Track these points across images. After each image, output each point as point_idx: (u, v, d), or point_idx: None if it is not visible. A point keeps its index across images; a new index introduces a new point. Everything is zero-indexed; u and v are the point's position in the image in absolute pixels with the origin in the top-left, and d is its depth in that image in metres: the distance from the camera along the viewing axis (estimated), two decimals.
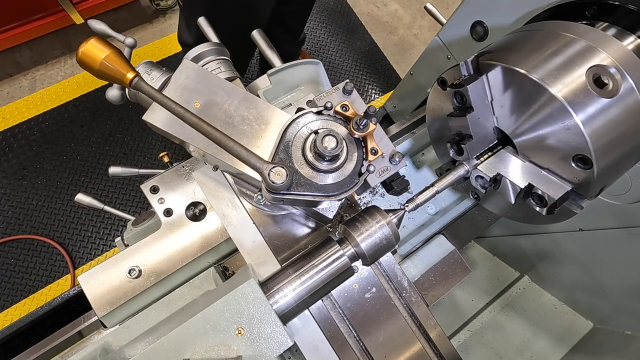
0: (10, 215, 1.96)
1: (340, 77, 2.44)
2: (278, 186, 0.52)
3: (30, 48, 2.22)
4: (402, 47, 2.56)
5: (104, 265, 0.73)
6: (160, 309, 0.75)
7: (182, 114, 0.52)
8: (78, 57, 0.55)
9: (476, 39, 1.13)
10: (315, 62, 0.93)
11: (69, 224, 1.99)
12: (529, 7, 0.89)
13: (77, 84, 2.21)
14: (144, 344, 0.54)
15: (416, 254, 0.95)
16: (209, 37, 0.88)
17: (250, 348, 0.53)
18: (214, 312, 0.53)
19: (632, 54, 0.62)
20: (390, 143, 0.64)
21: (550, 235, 1.18)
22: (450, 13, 1.20)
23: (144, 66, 0.77)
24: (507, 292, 1.37)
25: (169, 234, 0.76)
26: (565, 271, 1.21)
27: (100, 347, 0.70)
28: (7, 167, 2.00)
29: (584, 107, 0.59)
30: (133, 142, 2.14)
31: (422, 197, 0.67)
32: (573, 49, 0.63)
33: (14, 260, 1.91)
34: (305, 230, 0.74)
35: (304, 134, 0.58)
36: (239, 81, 0.81)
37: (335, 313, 0.72)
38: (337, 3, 2.58)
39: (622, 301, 1.07)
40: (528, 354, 1.22)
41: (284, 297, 0.58)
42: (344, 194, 0.58)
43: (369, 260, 0.61)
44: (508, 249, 1.41)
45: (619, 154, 0.63)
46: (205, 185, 0.73)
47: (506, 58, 0.65)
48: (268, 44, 0.93)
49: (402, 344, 0.73)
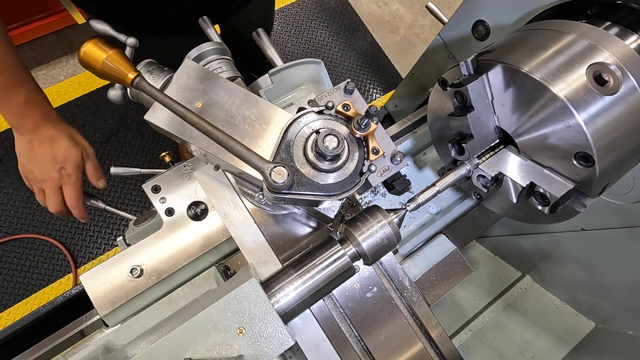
0: (13, 215, 1.96)
1: (341, 77, 2.44)
2: (279, 186, 0.52)
3: (32, 48, 2.22)
4: (403, 47, 2.55)
5: (106, 265, 0.74)
6: (161, 308, 0.75)
7: (183, 113, 0.52)
8: (80, 57, 0.55)
9: (478, 38, 1.12)
10: (316, 61, 0.93)
11: (71, 223, 1.99)
12: (530, 6, 0.89)
13: (78, 84, 2.21)
14: (146, 343, 0.54)
15: (417, 254, 0.94)
16: (210, 37, 0.88)
17: (251, 347, 0.53)
18: (215, 312, 0.54)
19: (634, 52, 0.62)
20: (391, 142, 0.64)
21: (551, 235, 1.18)
22: (451, 12, 1.19)
23: (145, 66, 0.77)
24: (509, 291, 1.37)
25: (171, 233, 0.76)
26: (567, 271, 1.21)
27: (102, 346, 0.71)
28: (9, 166, 2.00)
29: (585, 106, 0.59)
30: (134, 142, 2.15)
31: (423, 197, 0.67)
32: (575, 48, 0.63)
33: (17, 260, 1.92)
34: (306, 229, 0.74)
35: (305, 134, 0.58)
36: (240, 81, 0.81)
37: (336, 312, 0.73)
38: (338, 2, 2.58)
39: (624, 301, 1.07)
40: (530, 353, 1.22)
41: (285, 296, 0.58)
42: (345, 194, 0.58)
43: (370, 259, 0.61)
44: (509, 249, 1.40)
45: (621, 151, 0.63)
46: (206, 184, 0.73)
47: (507, 57, 0.65)
48: (270, 43, 0.93)
49: (403, 344, 0.73)
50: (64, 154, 0.81)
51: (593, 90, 0.59)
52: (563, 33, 0.65)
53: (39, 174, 0.82)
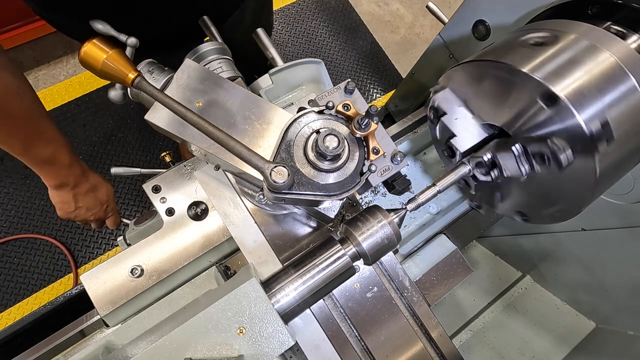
0: (14, 215, 1.96)
1: (341, 77, 2.44)
2: (279, 185, 0.52)
3: (33, 48, 2.22)
4: (403, 47, 2.55)
5: (106, 265, 0.74)
6: (162, 308, 0.75)
7: (183, 113, 0.52)
8: (80, 57, 0.55)
9: (478, 38, 1.12)
10: (316, 61, 0.93)
11: (72, 223, 1.99)
12: (530, 5, 0.89)
13: (79, 84, 2.21)
14: (146, 343, 0.54)
15: (418, 254, 0.94)
16: (211, 37, 0.89)
17: (251, 347, 0.53)
18: (215, 312, 0.54)
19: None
20: (391, 142, 0.64)
21: (552, 235, 1.18)
22: (452, 12, 1.19)
23: (145, 66, 0.77)
24: (509, 291, 1.37)
25: (171, 233, 0.76)
26: (568, 271, 1.21)
27: (102, 345, 0.71)
28: (10, 166, 2.00)
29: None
30: (135, 142, 2.15)
31: (423, 197, 0.67)
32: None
33: (17, 260, 1.92)
34: (306, 229, 0.74)
35: (305, 134, 0.58)
36: (240, 80, 0.81)
37: (336, 312, 0.73)
38: (338, 2, 2.58)
39: (625, 301, 1.06)
40: (530, 353, 1.22)
41: (286, 296, 0.58)
42: (346, 194, 0.58)
43: (371, 259, 0.61)
44: (510, 249, 1.40)
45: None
46: (206, 184, 0.73)
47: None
48: (270, 43, 0.93)
49: (404, 344, 0.73)
50: (105, 197, 1.00)
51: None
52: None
53: (87, 216, 1.00)
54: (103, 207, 1.01)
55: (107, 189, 1.01)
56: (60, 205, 0.95)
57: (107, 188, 1.01)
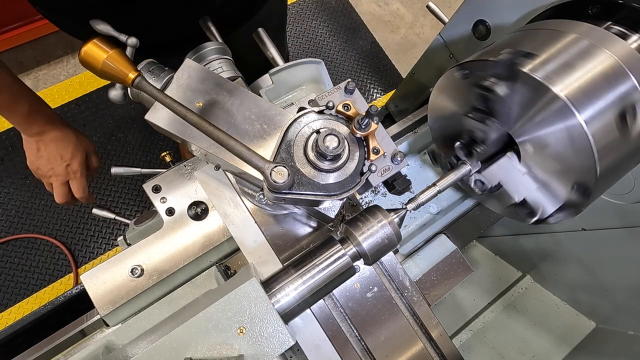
0: (14, 215, 1.97)
1: (341, 77, 2.44)
2: (280, 185, 0.52)
3: (33, 48, 2.22)
4: (404, 46, 2.55)
5: (107, 264, 0.74)
6: (162, 308, 0.75)
7: (184, 113, 0.52)
8: (80, 56, 0.55)
9: (478, 38, 1.12)
10: (317, 61, 0.93)
11: (72, 223, 2.00)
12: (531, 5, 0.89)
13: (79, 84, 2.22)
14: (146, 343, 0.54)
15: (418, 254, 0.94)
16: (211, 37, 0.89)
17: (251, 347, 0.53)
18: (215, 311, 0.54)
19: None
20: (392, 142, 0.64)
21: (552, 235, 1.18)
22: (452, 12, 1.19)
23: (146, 66, 0.77)
24: (509, 291, 1.37)
25: (171, 233, 0.76)
26: (568, 271, 1.21)
27: (102, 345, 0.71)
28: (10, 166, 2.00)
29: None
30: (135, 142, 2.15)
31: (423, 197, 0.67)
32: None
33: (17, 259, 1.92)
34: (306, 229, 0.74)
35: (305, 134, 0.58)
36: (241, 80, 0.81)
37: (336, 312, 0.73)
38: (338, 2, 2.58)
39: (625, 301, 1.06)
40: (530, 353, 1.22)
41: (286, 296, 0.58)
42: (346, 194, 0.58)
43: (371, 259, 0.61)
44: (510, 249, 1.40)
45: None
46: (207, 184, 0.73)
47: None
48: (271, 43, 0.93)
49: (404, 344, 0.73)
50: (69, 152, 0.93)
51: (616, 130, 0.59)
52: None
53: (47, 171, 0.94)
54: (64, 164, 0.93)
55: (75, 146, 0.94)
56: (26, 154, 0.94)
57: (74, 145, 0.94)
